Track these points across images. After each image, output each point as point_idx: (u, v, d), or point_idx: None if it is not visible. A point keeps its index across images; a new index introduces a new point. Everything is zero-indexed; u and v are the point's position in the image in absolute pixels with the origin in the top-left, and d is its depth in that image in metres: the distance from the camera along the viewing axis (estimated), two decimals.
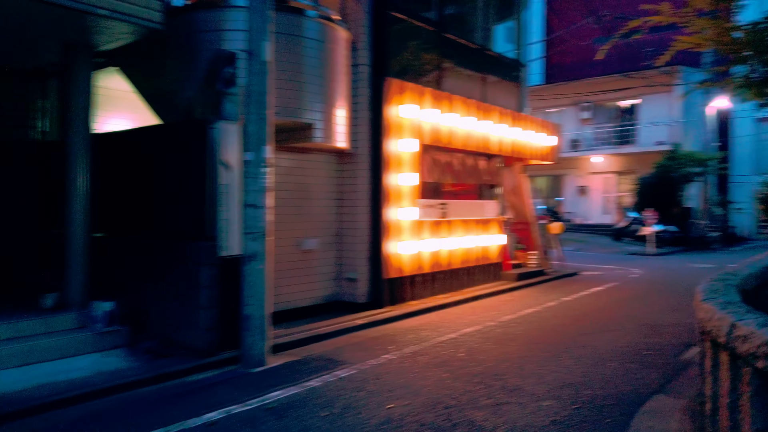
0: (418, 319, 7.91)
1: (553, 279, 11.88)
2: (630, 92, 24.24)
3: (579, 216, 26.06)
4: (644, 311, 8.30)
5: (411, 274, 8.87)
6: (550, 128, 12.68)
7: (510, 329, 7.17)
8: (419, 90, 8.87)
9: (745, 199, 28.69)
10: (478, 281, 10.56)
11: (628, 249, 19.23)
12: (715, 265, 14.42)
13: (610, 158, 25.31)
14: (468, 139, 9.97)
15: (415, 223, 8.83)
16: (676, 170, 21.51)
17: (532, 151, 12.06)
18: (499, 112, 10.85)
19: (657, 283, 11.28)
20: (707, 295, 3.25)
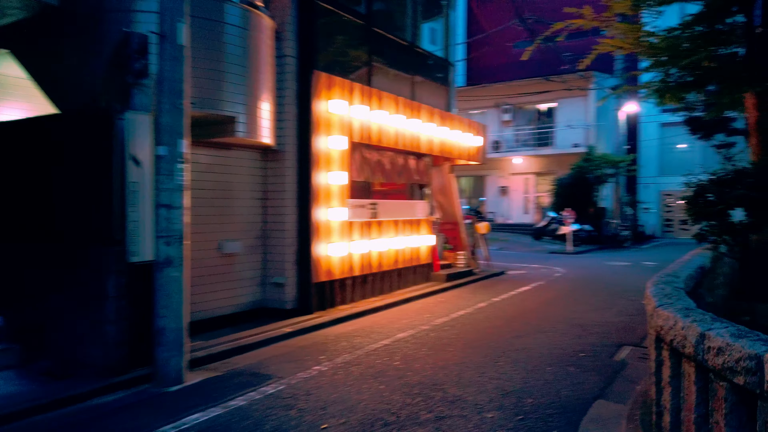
0: (349, 325, 7.54)
1: (481, 279, 11.88)
2: (548, 96, 25.07)
3: (500, 216, 26.67)
4: (573, 310, 8.37)
5: (341, 277, 8.49)
6: (476, 128, 12.70)
7: (444, 333, 6.96)
8: (348, 85, 8.50)
9: (651, 199, 30.53)
10: (409, 283, 10.34)
11: (548, 247, 19.80)
12: (629, 263, 15.06)
13: (530, 159, 26.10)
14: (398, 138, 9.72)
15: (345, 223, 8.46)
16: (591, 172, 22.45)
17: (460, 151, 12.01)
18: (428, 110, 10.69)
19: (580, 282, 11.54)
20: (662, 301, 3.11)
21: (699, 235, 6.60)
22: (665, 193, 30.82)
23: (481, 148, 12.86)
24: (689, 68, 8.90)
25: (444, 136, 11.21)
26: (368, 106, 8.90)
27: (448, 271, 11.37)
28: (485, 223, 13.01)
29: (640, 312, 8.20)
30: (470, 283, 11.39)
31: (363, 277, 9.06)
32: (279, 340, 6.73)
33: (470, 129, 12.36)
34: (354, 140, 8.65)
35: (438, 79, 12.11)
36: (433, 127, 10.73)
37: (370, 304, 8.71)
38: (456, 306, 8.82)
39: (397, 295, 9.51)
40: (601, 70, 23.87)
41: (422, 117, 10.42)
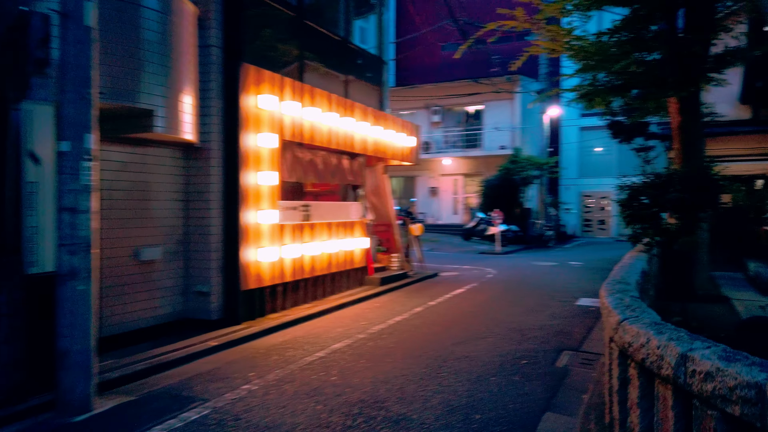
0: (281, 335, 7.07)
1: (415, 281, 11.69)
2: (476, 98, 25.42)
3: (431, 216, 26.79)
4: (509, 313, 8.30)
5: (272, 284, 7.98)
6: (410, 129, 12.50)
7: (382, 342, 6.64)
8: (279, 80, 8.01)
9: (572, 200, 31.74)
10: (343, 287, 9.96)
11: (478, 248, 20.01)
12: (556, 263, 15.39)
13: (459, 161, 26.38)
14: (331, 137, 9.32)
15: (276, 226, 7.96)
16: (517, 173, 22.96)
17: (394, 151, 11.76)
18: (362, 109, 10.35)
19: (512, 283, 11.59)
20: (626, 314, 2.92)
21: (633, 236, 6.65)
22: (585, 194, 32.15)
23: (414, 148, 12.68)
24: (618, 73, 9.08)
25: (378, 136, 10.92)
26: (300, 102, 8.44)
27: (382, 275, 11.08)
28: (419, 225, 12.85)
29: (574, 314, 8.25)
30: (405, 286, 11.16)
31: (295, 283, 8.59)
32: (203, 355, 6.16)
33: (404, 129, 12.15)
34: (285, 138, 8.17)
35: (371, 77, 11.81)
36: (366, 126, 10.41)
37: (303, 311, 8.26)
38: (392, 311, 8.54)
39: (331, 301, 9.11)
40: (527, 74, 24.49)
41: (356, 115, 10.07)
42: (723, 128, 15.21)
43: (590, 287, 10.91)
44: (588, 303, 9.18)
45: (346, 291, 9.97)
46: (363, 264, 10.59)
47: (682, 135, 9.44)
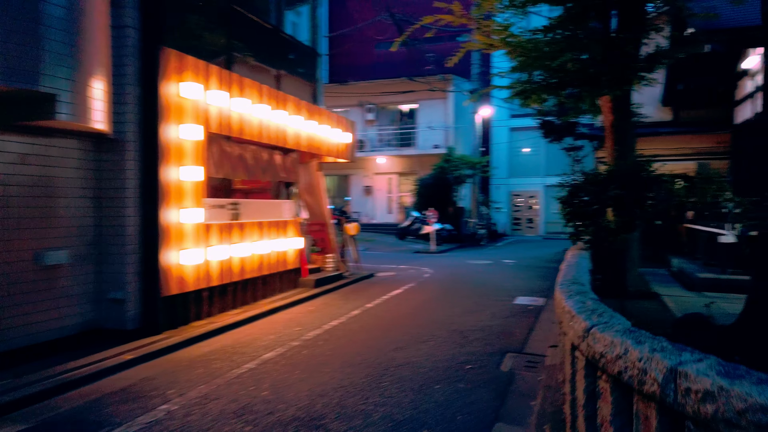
0: (207, 345, 6.48)
1: (351, 283, 11.29)
2: (410, 97, 25.35)
3: (365, 215, 26.49)
4: (448, 314, 8.06)
5: (197, 289, 7.35)
6: (345, 125, 12.09)
7: (318, 349, 6.20)
8: (204, 67, 7.39)
9: (502, 199, 32.38)
10: (276, 290, 9.42)
11: (413, 247, 19.88)
12: (491, 262, 15.44)
13: (393, 159, 26.22)
14: (262, 130, 8.76)
15: (201, 226, 7.34)
16: (451, 172, 23.05)
17: (329, 148, 11.31)
18: (295, 102, 9.84)
19: (449, 283, 11.43)
20: (593, 319, 2.65)
21: (574, 234, 6.56)
22: (514, 193, 32.90)
23: (350, 145, 12.29)
24: (554, 70, 9.07)
25: (312, 131, 10.44)
26: (228, 92, 7.84)
27: (317, 276, 10.61)
28: (354, 224, 12.46)
29: (513, 313, 8.12)
30: (341, 287, 10.74)
31: (223, 288, 7.98)
32: (117, 371, 5.50)
33: (339, 125, 11.72)
34: (211, 130, 7.56)
35: (305, 69, 11.30)
36: (300, 120, 9.91)
37: (231, 317, 7.67)
38: (328, 315, 8.11)
39: (262, 305, 8.56)
40: (459, 74, 24.66)
41: (289, 109, 9.55)
42: (647, 129, 15.78)
43: (526, 286, 10.91)
44: (526, 302, 9.12)
45: (278, 294, 9.44)
46: (297, 265, 10.09)
47: (615, 133, 9.57)
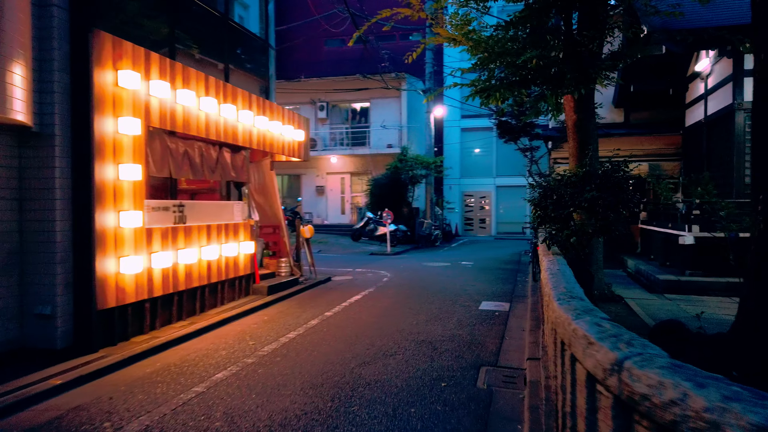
0: (149, 364, 5.77)
1: (307, 288, 10.69)
2: (363, 95, 24.87)
3: (317, 216, 25.81)
4: (413, 323, 7.61)
5: (137, 300, 6.61)
6: (298, 121, 11.47)
7: (276, 368, 5.62)
8: (144, 54, 6.66)
9: (454, 199, 32.37)
10: (227, 299, 8.73)
11: (368, 249, 19.38)
12: (448, 263, 15.13)
13: (346, 159, 25.66)
14: (209, 126, 8.07)
15: (142, 231, 6.61)
16: (406, 172, 22.70)
17: (282, 145, 10.67)
18: (245, 96, 9.17)
19: (410, 287, 11.00)
20: (623, 350, 2.22)
21: (550, 238, 6.22)
22: (466, 194, 32.96)
23: (303, 142, 11.67)
24: (517, 67, 8.79)
25: (263, 128, 9.78)
26: (171, 83, 7.13)
27: (270, 282, 9.95)
28: (309, 226, 11.85)
29: (480, 320, 7.75)
30: (296, 294, 10.13)
31: (168, 298, 7.25)
32: (43, 399, 4.76)
33: (291, 121, 11.09)
34: (152, 125, 6.83)
35: (256, 62, 10.62)
36: (250, 116, 9.24)
37: (177, 331, 6.96)
38: (284, 325, 7.51)
39: (212, 316, 7.86)
40: (413, 73, 24.36)
41: (238, 103, 8.88)
42: (600, 130, 15.86)
43: (489, 289, 10.61)
44: (491, 307, 8.78)
45: (230, 303, 8.75)
46: (249, 271, 9.41)
47: (578, 133, 9.39)
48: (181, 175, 7.71)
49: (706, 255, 10.25)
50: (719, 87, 11.90)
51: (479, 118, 31.77)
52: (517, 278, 12.27)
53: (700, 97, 13.35)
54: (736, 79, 10.98)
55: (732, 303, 9.15)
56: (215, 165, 8.49)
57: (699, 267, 10.32)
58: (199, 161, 8.04)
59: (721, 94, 11.85)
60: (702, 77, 13.04)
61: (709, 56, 12.53)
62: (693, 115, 13.99)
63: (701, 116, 13.16)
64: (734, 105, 10.98)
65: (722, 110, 11.65)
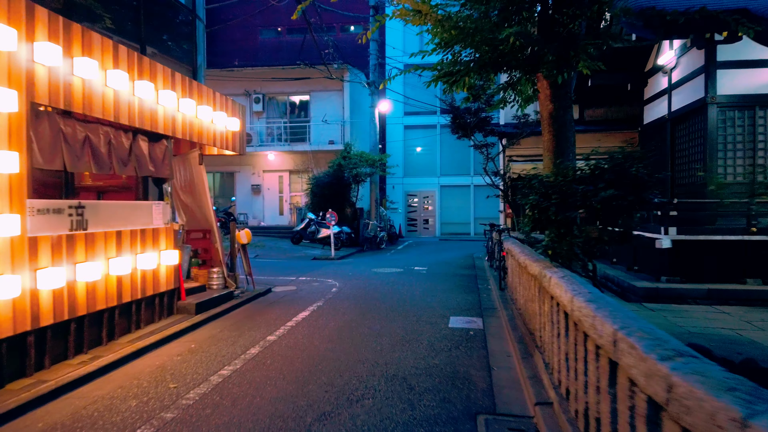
0: (29, 422, 4.15)
1: (244, 303, 9.15)
2: (302, 87, 23.30)
3: (253, 217, 23.99)
4: (379, 350, 6.29)
5: (16, 334, 4.93)
6: (231, 108, 9.87)
7: (205, 427, 4.14)
8: (26, 7, 4.99)
9: (398, 199, 31.29)
10: (144, 322, 7.09)
11: (310, 253, 17.88)
12: (400, 269, 13.91)
13: (284, 155, 23.96)
14: (119, 106, 6.43)
15: (22, 241, 4.94)
16: (350, 170, 21.36)
17: (213, 135, 9.07)
18: (167, 73, 7.56)
19: (363, 300, 9.66)
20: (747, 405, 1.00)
21: (550, 249, 5.06)
22: (410, 193, 31.97)
23: (239, 133, 10.09)
24: (494, 46, 7.68)
25: (190, 113, 8.18)
26: (66, 49, 5.48)
27: (199, 298, 8.35)
28: (246, 230, 10.26)
29: (455, 343, 6.54)
30: (231, 310, 8.57)
31: (61, 326, 5.59)
32: None
33: (224, 108, 9.50)
34: (38, 101, 5.16)
35: (181, 36, 8.98)
36: (173, 97, 7.62)
37: (75, 369, 5.32)
38: (217, 357, 6.00)
39: (123, 345, 6.23)
40: (356, 65, 23.04)
41: (159, 81, 7.27)
42: None
43: (453, 301, 9.44)
44: (462, 324, 7.59)
45: (147, 327, 7.11)
46: (172, 286, 7.78)
47: (554, 125, 8.37)
48: (80, 168, 6.02)
49: (683, 259, 9.52)
50: (687, 80, 11.30)
51: (423, 115, 30.88)
52: (478, 285, 11.19)
53: (662, 92, 12.78)
54: (708, 71, 10.36)
55: (719, 313, 8.41)
56: (128, 156, 6.83)
57: (677, 272, 9.58)
58: (105, 151, 6.37)
59: (689, 88, 11.25)
60: (665, 71, 12.46)
61: (674, 48, 11.94)
62: (653, 111, 13.44)
63: (664, 112, 12.58)
64: (706, 99, 10.35)
65: (691, 105, 11.04)
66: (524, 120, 14.14)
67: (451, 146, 30.96)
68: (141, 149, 7.12)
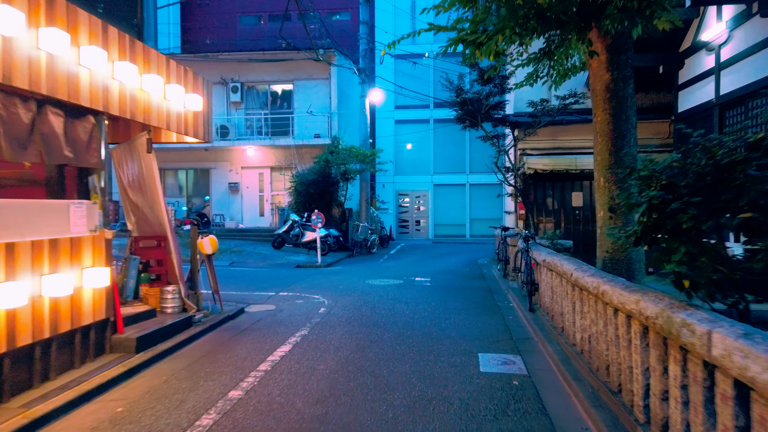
0: None
1: (207, 331, 7.10)
2: (285, 75, 21.21)
3: (231, 219, 21.83)
4: (390, 420, 4.30)
5: None
6: (192, 81, 7.80)
7: None
8: None
9: (389, 199, 29.29)
10: (55, 370, 5.01)
11: (293, 260, 15.81)
12: (399, 281, 11.94)
13: (265, 150, 21.81)
14: (13, 63, 4.36)
15: None
16: (338, 166, 19.33)
17: (166, 115, 7.00)
18: (94, 25, 5.48)
19: (359, 326, 7.66)
20: None
21: (685, 277, 3.10)
22: (401, 193, 30.00)
23: (202, 114, 8.01)
24: None
25: (131, 83, 6.11)
26: None
27: (143, 328, 6.27)
28: (211, 237, 8.16)
29: (498, 403, 4.55)
30: (188, 343, 6.52)
31: None
32: None
33: (182, 81, 7.43)
34: None
35: None
36: (102, 58, 5.54)
37: None
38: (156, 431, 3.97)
39: (12, 413, 4.15)
40: (344, 51, 21.03)
41: (83, 34, 5.20)
42: (574, 116, 13.27)
43: (474, 326, 7.46)
44: (498, 368, 5.61)
45: (59, 378, 5.03)
46: (103, 315, 5.71)
47: (612, 100, 6.46)
48: None
49: None
50: (745, 56, 9.45)
51: (415, 109, 28.95)
52: (497, 302, 9.25)
53: (705, 74, 10.94)
54: None
55: None
56: (27, 136, 4.75)
57: None
58: None
59: (748, 66, 9.40)
60: (710, 48, 10.61)
61: (723, 20, 10.10)
62: (692, 97, 11.60)
63: (709, 96, 10.74)
64: None
65: (752, 86, 9.20)
66: (542, 107, 12.23)
67: (445, 142, 29.08)
68: (52, 127, 5.03)
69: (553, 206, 14.30)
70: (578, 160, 12.76)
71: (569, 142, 13.68)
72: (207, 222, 18.54)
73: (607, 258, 6.39)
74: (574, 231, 13.86)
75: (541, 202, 14.29)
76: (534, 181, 13.28)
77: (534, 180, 13.23)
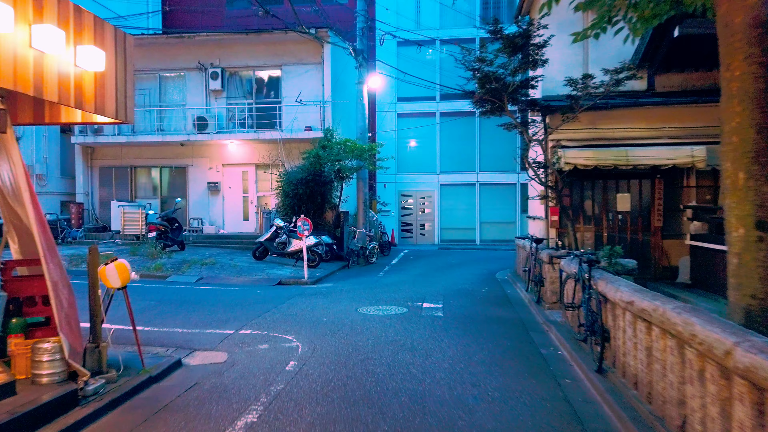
0: None
1: (101, 412, 4.47)
2: (271, 58, 18.61)
3: (210, 224, 19.21)
4: None
5: None
6: (88, 28, 5.19)
7: None
8: None
9: (390, 200, 26.67)
10: None
11: (275, 274, 13.17)
12: (402, 309, 9.30)
13: (249, 146, 19.16)
14: None
15: None
16: (332, 163, 16.70)
17: (41, 76, 4.42)
18: None
19: (341, 404, 5.07)
20: None
21: None
22: (404, 193, 27.37)
23: (108, 78, 5.38)
24: None
25: None
26: None
27: None
28: (121, 263, 5.48)
29: None
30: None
31: None
32: None
33: (66, 23, 4.83)
34: None
35: None
36: None
37: None
38: None
39: None
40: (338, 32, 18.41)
41: None
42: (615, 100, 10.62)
43: (518, 410, 4.80)
44: None
45: None
46: None
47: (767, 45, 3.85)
48: None
49: None
50: None
51: (419, 101, 26.32)
52: (538, 347, 6.64)
53: None
54: None
55: None
56: None
57: None
58: None
59: None
60: None
61: None
62: None
63: None
64: None
65: None
66: (583, 84, 9.56)
67: (452, 137, 26.45)
68: None
69: (593, 211, 11.64)
70: (630, 152, 10.09)
71: (613, 132, 11.03)
72: (178, 228, 15.94)
73: (757, 308, 3.78)
74: (619, 241, 11.21)
75: (578, 205, 11.65)
76: (570, 179, 10.64)
77: (570, 178, 10.59)
